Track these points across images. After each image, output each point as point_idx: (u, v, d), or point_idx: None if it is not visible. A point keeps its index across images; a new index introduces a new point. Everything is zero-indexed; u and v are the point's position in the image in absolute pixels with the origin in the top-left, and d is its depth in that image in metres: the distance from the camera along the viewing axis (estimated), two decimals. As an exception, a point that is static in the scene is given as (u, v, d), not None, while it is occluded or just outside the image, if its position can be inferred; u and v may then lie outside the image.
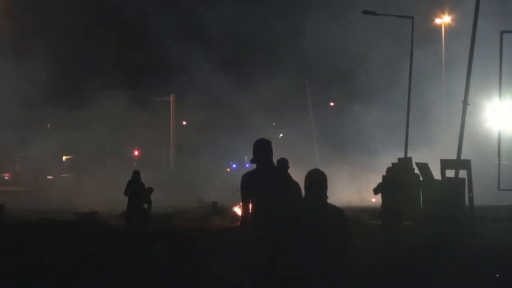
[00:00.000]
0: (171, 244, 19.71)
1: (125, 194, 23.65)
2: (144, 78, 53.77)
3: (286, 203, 8.13)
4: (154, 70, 54.51)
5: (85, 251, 17.72)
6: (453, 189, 24.35)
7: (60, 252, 17.22)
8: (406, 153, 29.60)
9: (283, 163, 12.92)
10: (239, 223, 8.63)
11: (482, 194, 27.56)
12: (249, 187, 8.48)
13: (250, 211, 8.49)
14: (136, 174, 23.76)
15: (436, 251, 17.42)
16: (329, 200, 7.50)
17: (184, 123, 67.25)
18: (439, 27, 51.80)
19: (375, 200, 42.14)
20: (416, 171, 27.20)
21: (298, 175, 9.49)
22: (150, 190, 24.67)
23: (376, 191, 16.99)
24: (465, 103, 25.62)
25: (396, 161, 27.98)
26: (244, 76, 53.12)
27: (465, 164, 24.39)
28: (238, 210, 27.33)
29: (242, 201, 8.51)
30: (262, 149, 8.60)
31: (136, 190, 23.45)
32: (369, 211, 29.05)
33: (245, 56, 53.69)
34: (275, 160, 9.66)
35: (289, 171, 9.74)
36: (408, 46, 31.93)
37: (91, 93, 48.54)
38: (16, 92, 45.82)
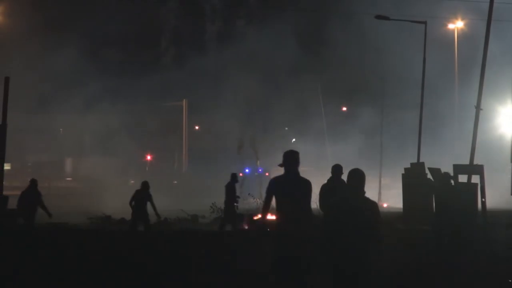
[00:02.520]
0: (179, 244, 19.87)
1: (130, 204, 23.29)
2: (157, 82, 53.81)
3: (307, 203, 10.27)
4: (167, 75, 54.53)
5: (98, 254, 17.83)
6: (466, 194, 24.12)
7: (70, 256, 17.40)
8: (418, 158, 29.52)
9: (339, 168, 15.00)
10: (261, 214, 10.86)
11: (495, 200, 27.47)
12: (275, 188, 10.37)
13: (275, 206, 10.35)
14: (145, 185, 23.46)
15: (447, 257, 17.49)
16: None
17: (197, 128, 67.17)
18: (452, 32, 51.80)
19: (387, 205, 42.25)
20: (429, 176, 27.11)
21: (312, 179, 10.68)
22: (235, 176, 24.58)
23: None
24: (478, 108, 25.40)
25: (409, 166, 28.16)
26: (257, 82, 53.08)
27: (478, 169, 24.18)
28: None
29: (266, 197, 10.45)
30: (291, 158, 10.44)
31: (143, 200, 23.21)
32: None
33: (258, 61, 53.68)
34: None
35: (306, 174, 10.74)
36: (421, 51, 31.89)
37: (103, 98, 48.60)
38: (29, 97, 45.95)
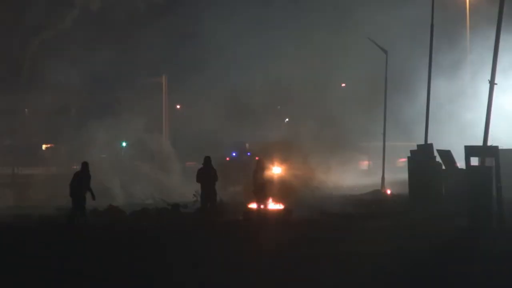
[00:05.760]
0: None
1: (197, 181, 23.31)
2: (134, 56, 52.57)
3: None
4: (145, 49, 53.28)
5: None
6: (479, 179, 22.29)
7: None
8: (426, 139, 27.84)
9: None
10: None
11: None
12: None
13: None
14: (207, 160, 23.37)
15: (459, 249, 17.07)
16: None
17: (178, 107, 65.95)
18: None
19: (391, 192, 40.74)
20: (438, 159, 25.83)
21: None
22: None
23: None
24: (492, 82, 23.79)
25: (415, 148, 27.07)
26: (245, 54, 52.05)
27: (493, 151, 22.50)
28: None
29: None
30: None
31: (210, 178, 23.10)
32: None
33: (247, 34, 52.75)
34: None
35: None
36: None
37: (72, 73, 47.15)
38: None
